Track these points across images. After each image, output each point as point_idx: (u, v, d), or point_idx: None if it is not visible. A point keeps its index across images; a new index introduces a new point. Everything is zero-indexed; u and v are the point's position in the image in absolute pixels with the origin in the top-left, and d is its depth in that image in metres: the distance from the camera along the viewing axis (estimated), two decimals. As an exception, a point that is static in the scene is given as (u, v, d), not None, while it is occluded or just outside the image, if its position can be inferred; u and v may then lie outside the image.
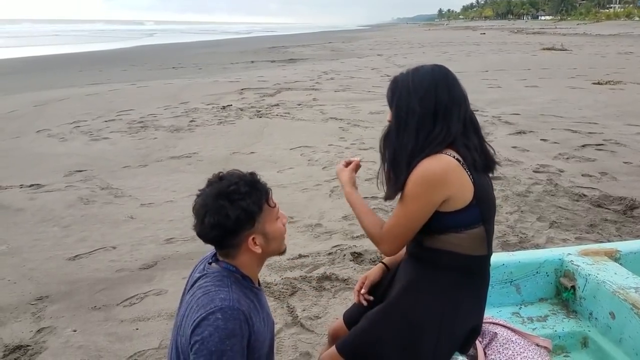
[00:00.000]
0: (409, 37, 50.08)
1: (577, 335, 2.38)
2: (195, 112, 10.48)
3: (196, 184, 5.87)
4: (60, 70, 21.04)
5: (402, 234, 1.72)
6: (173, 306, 3.41)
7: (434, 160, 1.65)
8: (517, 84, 13.77)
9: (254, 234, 1.55)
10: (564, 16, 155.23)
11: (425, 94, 1.69)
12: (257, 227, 1.54)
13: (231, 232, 1.52)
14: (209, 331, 1.40)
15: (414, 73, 1.74)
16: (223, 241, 1.55)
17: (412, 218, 1.69)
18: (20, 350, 3.00)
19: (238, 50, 33.23)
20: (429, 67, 1.75)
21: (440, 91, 1.69)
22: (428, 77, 1.71)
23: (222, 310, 1.42)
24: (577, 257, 2.56)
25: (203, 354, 1.39)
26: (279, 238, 1.62)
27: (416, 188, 1.65)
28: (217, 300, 1.45)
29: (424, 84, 1.70)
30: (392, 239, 1.75)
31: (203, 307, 1.45)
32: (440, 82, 1.71)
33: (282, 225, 1.64)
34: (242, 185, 1.52)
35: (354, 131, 8.49)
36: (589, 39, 39.32)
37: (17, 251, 4.34)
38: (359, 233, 4.51)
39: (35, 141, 8.39)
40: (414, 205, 1.67)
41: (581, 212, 4.87)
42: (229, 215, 1.48)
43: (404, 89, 1.73)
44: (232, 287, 1.51)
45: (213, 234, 1.52)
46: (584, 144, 7.32)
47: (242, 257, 1.58)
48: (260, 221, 1.55)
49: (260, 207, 1.54)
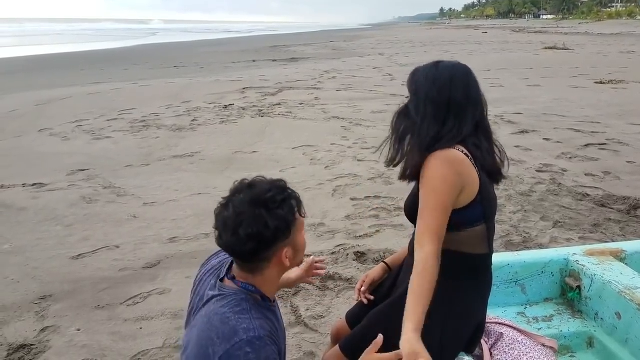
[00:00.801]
0: (411, 36, 50.04)
1: (583, 336, 2.38)
2: (197, 111, 10.48)
3: (199, 183, 5.89)
4: (63, 69, 21.06)
5: (435, 228, 1.62)
6: (177, 305, 3.42)
7: (447, 152, 1.65)
8: (520, 83, 13.75)
9: (288, 246, 1.44)
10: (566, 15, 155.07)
11: (442, 85, 1.70)
12: (291, 238, 1.43)
13: (267, 244, 1.39)
14: None
15: (435, 64, 1.77)
16: (256, 255, 1.41)
17: (439, 206, 1.61)
18: (24, 350, 3.00)
19: (239, 50, 33.23)
20: (451, 62, 1.77)
21: (455, 87, 1.70)
22: (447, 71, 1.73)
23: (250, 343, 1.32)
24: (583, 257, 2.55)
25: None
26: (303, 250, 1.52)
27: (440, 170, 1.61)
28: (241, 332, 1.33)
29: (444, 75, 1.72)
30: (429, 241, 1.61)
31: (227, 341, 1.32)
32: (458, 78, 1.72)
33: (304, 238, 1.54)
34: (277, 193, 1.41)
35: (356, 130, 8.49)
36: (591, 38, 39.27)
37: (21, 250, 4.34)
38: (362, 232, 4.51)
39: (37, 140, 8.39)
40: (442, 190, 1.61)
41: (585, 212, 4.86)
42: (268, 225, 1.36)
43: (423, 76, 1.75)
44: (252, 312, 1.40)
45: (250, 246, 1.36)
46: (587, 144, 7.30)
47: (269, 271, 1.45)
48: (294, 229, 1.44)
49: (295, 216, 1.44)
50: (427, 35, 51.78)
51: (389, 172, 6.16)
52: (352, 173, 6.20)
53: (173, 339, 3.08)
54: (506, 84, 13.42)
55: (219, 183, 5.95)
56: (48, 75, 18.40)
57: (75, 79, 16.81)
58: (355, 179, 5.99)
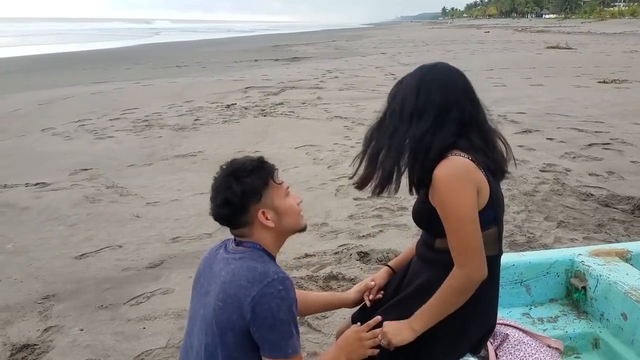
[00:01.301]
0: (413, 36, 50.00)
1: (589, 337, 2.37)
2: (199, 110, 10.48)
3: (201, 183, 5.89)
4: (65, 68, 21.07)
5: (477, 243, 1.60)
6: (180, 305, 3.41)
7: (450, 162, 1.61)
8: (522, 82, 13.72)
9: (263, 208, 1.60)
10: (568, 14, 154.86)
11: (417, 89, 1.68)
12: (264, 201, 1.60)
13: (240, 208, 1.58)
14: (276, 302, 1.46)
15: (417, 69, 1.75)
16: (235, 218, 1.60)
17: (472, 221, 1.59)
18: (28, 349, 3.00)
19: (242, 49, 33.23)
20: (428, 64, 1.75)
21: (429, 90, 1.67)
22: (419, 75, 1.72)
23: (282, 282, 1.49)
24: (588, 257, 2.54)
25: (276, 326, 1.46)
26: (291, 214, 1.65)
27: (454, 189, 1.58)
28: (272, 273, 1.51)
29: (417, 79, 1.72)
30: (476, 256, 1.61)
31: (259, 282, 1.48)
32: (431, 81, 1.69)
33: (295, 204, 1.68)
34: (247, 164, 1.61)
35: (359, 130, 8.47)
36: (593, 37, 39.19)
37: (24, 250, 4.34)
38: (365, 232, 4.50)
39: (40, 140, 8.39)
40: (463, 206, 1.58)
41: (589, 212, 4.84)
42: (234, 191, 1.56)
43: (400, 84, 1.77)
44: (273, 262, 1.60)
45: (224, 211, 1.59)
46: (591, 143, 7.28)
47: (258, 234, 1.62)
48: (268, 195, 1.60)
49: (265, 182, 1.61)
50: (429, 35, 51.72)
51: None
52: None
53: (176, 338, 3.07)
54: (509, 84, 13.39)
55: (222, 183, 5.94)
56: (51, 75, 18.43)
57: (77, 79, 16.82)
58: (358, 178, 5.96)
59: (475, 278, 1.63)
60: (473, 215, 1.59)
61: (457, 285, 1.64)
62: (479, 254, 1.61)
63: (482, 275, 1.63)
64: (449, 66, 1.74)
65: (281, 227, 1.64)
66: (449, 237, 1.63)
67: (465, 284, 1.63)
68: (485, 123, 1.76)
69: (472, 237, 1.60)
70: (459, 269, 1.63)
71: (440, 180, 1.59)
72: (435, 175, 1.60)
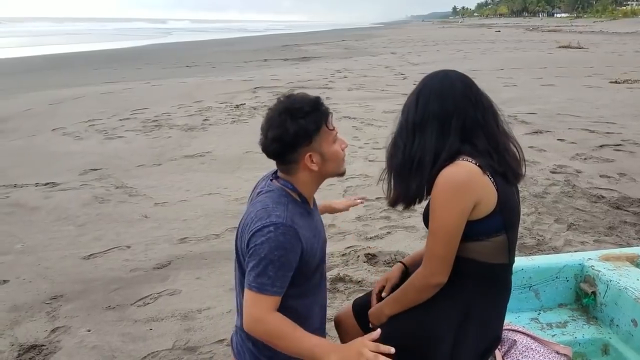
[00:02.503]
0: (423, 35, 49.82)
1: (598, 342, 2.33)
2: (208, 110, 10.50)
3: (209, 184, 5.90)
4: (76, 68, 21.21)
5: (446, 253, 1.63)
6: (187, 306, 3.42)
7: (454, 167, 1.60)
8: (533, 82, 13.62)
9: (311, 152, 1.66)
10: (580, 14, 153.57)
11: (418, 102, 1.72)
12: (314, 145, 1.66)
13: (290, 147, 1.65)
14: (261, 240, 1.58)
15: (417, 84, 1.78)
16: (283, 155, 1.68)
17: (449, 231, 1.61)
18: (35, 350, 3.01)
19: (251, 49, 33.27)
20: (428, 75, 1.77)
21: (428, 100, 1.69)
22: (420, 86, 1.76)
23: (275, 225, 1.59)
24: (598, 262, 2.50)
25: (254, 259, 1.60)
26: (335, 159, 1.72)
27: (445, 196, 1.59)
28: (273, 217, 1.61)
29: (417, 92, 1.75)
30: (438, 263, 1.64)
31: (260, 220, 1.61)
32: (429, 90, 1.71)
33: (341, 149, 1.75)
34: (305, 105, 1.65)
35: (368, 130, 8.45)
36: (605, 36, 38.83)
37: (33, 250, 4.36)
38: (373, 234, 4.48)
39: (50, 140, 8.45)
40: (447, 215, 1.60)
41: (600, 214, 4.79)
42: (287, 130, 1.62)
43: (407, 100, 1.79)
44: (288, 206, 1.66)
45: (273, 147, 1.66)
46: (602, 144, 7.21)
47: (300, 174, 1.70)
48: (318, 140, 1.66)
49: (319, 126, 1.66)
50: (439, 34, 51.51)
51: (400, 172, 6.12)
52: (363, 173, 6.16)
53: (183, 340, 3.07)
54: (519, 83, 13.29)
55: (230, 183, 5.96)
56: (62, 75, 18.56)
57: (88, 78, 16.92)
58: (366, 179, 5.96)
59: (431, 281, 1.68)
60: (454, 226, 1.60)
61: (417, 284, 1.72)
62: (442, 262, 1.64)
63: (439, 282, 1.66)
64: (448, 73, 1.74)
65: (323, 171, 1.72)
66: (427, 236, 1.66)
67: (423, 284, 1.70)
68: (493, 126, 1.72)
69: (442, 245, 1.63)
70: (421, 269, 1.70)
71: (438, 184, 1.61)
72: (438, 178, 1.61)
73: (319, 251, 1.76)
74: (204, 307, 3.42)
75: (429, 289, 1.69)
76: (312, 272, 1.76)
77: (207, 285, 3.71)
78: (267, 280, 1.58)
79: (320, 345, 1.60)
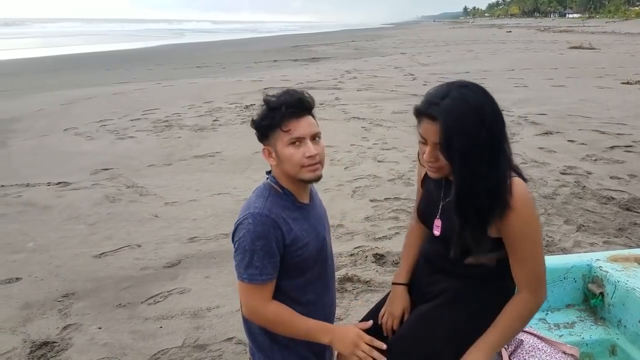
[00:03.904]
0: (434, 35, 49.68)
1: (606, 343, 2.33)
2: (218, 111, 10.56)
3: (219, 183, 5.91)
4: (88, 68, 21.38)
5: (545, 269, 1.65)
6: (196, 304, 3.45)
7: (519, 187, 1.58)
8: (544, 83, 13.55)
9: (268, 147, 1.74)
10: (592, 14, 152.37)
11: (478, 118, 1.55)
12: (271, 141, 1.72)
13: (259, 134, 1.74)
14: (242, 233, 1.66)
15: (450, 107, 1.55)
16: (259, 139, 1.76)
17: (541, 245, 1.63)
18: (47, 347, 3.06)
19: (261, 49, 33.35)
20: (456, 99, 1.54)
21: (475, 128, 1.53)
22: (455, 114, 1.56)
23: (253, 216, 1.66)
24: (606, 263, 2.50)
25: (239, 252, 1.68)
26: (288, 162, 1.70)
27: (532, 214, 1.59)
28: (252, 208, 1.69)
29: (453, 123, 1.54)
30: (544, 283, 1.66)
31: (242, 212, 1.70)
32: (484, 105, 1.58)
33: (300, 154, 1.68)
34: (273, 101, 1.69)
35: (377, 131, 8.46)
36: (618, 37, 38.50)
37: (45, 248, 4.42)
38: (382, 234, 4.49)
39: (62, 139, 8.54)
40: (538, 230, 1.62)
41: (609, 216, 4.76)
42: (253, 119, 1.74)
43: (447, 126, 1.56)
44: (268, 198, 1.72)
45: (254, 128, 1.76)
46: (613, 146, 7.16)
47: (273, 167, 1.78)
48: (273, 138, 1.70)
49: (272, 124, 1.69)
50: (449, 35, 51.33)
51: (409, 173, 6.12)
52: (372, 174, 6.17)
53: (192, 338, 3.10)
54: (530, 84, 13.23)
55: (239, 183, 5.99)
56: (75, 75, 18.71)
57: (100, 79, 17.06)
58: (375, 180, 5.97)
59: (541, 303, 1.68)
60: (541, 241, 1.63)
61: (525, 313, 1.67)
62: (545, 280, 1.66)
63: (546, 299, 1.69)
64: (477, 92, 1.58)
65: (284, 170, 1.73)
66: (521, 264, 1.62)
67: (534, 309, 1.68)
68: None
69: (543, 264, 1.63)
70: (530, 295, 1.65)
71: (520, 209, 1.55)
72: (515, 203, 1.54)
73: (312, 246, 1.77)
74: (213, 305, 3.45)
75: (537, 311, 1.69)
76: (309, 265, 1.79)
77: (216, 284, 3.75)
78: (255, 270, 1.67)
79: (315, 327, 1.74)
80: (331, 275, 1.95)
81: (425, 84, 13.55)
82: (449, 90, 1.55)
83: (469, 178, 1.54)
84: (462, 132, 1.50)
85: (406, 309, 1.91)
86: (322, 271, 1.86)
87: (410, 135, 8.04)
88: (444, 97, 1.53)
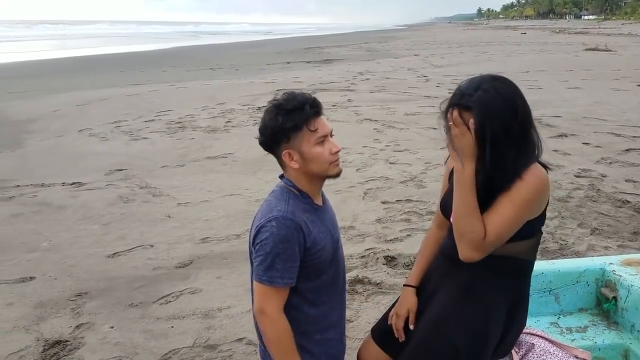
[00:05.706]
0: (447, 37, 49.48)
1: (618, 348, 2.30)
2: (231, 112, 10.61)
3: (231, 185, 5.94)
4: (103, 70, 21.57)
5: (504, 237, 1.65)
6: (207, 305, 3.47)
7: (541, 170, 1.64)
8: (559, 85, 13.44)
9: (289, 150, 1.69)
10: (609, 15, 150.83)
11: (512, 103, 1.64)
12: (293, 143, 1.68)
13: (270, 141, 1.71)
14: (266, 235, 1.66)
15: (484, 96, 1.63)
16: (269, 149, 1.74)
17: (519, 222, 1.64)
18: (60, 345, 3.09)
19: (274, 51, 33.43)
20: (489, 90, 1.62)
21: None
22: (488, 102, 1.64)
23: (277, 219, 1.66)
24: (619, 267, 2.48)
25: (261, 254, 1.67)
26: (317, 161, 1.70)
27: (532, 195, 1.62)
28: (275, 211, 1.68)
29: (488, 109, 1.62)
30: (494, 244, 1.64)
31: (264, 217, 1.69)
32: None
33: (327, 152, 1.71)
34: (291, 103, 1.67)
35: (389, 132, 8.44)
36: (634, 39, 38.05)
37: (58, 248, 4.47)
38: (393, 236, 4.48)
39: (77, 140, 8.63)
40: (526, 210, 1.63)
41: (624, 219, 4.71)
42: (267, 125, 1.69)
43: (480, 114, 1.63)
44: (289, 201, 1.72)
45: (261, 137, 1.73)
46: (628, 148, 7.08)
47: (289, 170, 1.75)
48: (297, 139, 1.67)
49: (297, 126, 1.66)
50: (463, 36, 51.08)
51: (421, 175, 6.11)
52: (384, 176, 6.16)
53: (203, 338, 3.12)
54: (545, 86, 13.13)
55: (251, 184, 6.01)
56: (90, 76, 18.89)
57: (115, 80, 17.21)
58: (386, 181, 5.95)
59: (475, 257, 1.65)
60: (523, 219, 1.63)
61: (469, 236, 1.64)
62: (492, 246, 1.64)
63: (472, 259, 1.65)
64: (508, 84, 1.67)
65: (307, 170, 1.72)
66: (495, 215, 1.62)
67: (471, 246, 1.64)
68: None
69: (506, 231, 1.62)
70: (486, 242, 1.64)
71: (531, 179, 1.61)
72: (527, 176, 1.61)
73: (328, 248, 1.78)
74: (224, 306, 3.47)
75: (468, 248, 1.65)
76: (325, 267, 1.79)
77: (228, 284, 3.76)
78: (276, 273, 1.66)
79: None
80: (343, 277, 1.96)
81: (438, 86, 13.50)
82: (482, 82, 1.63)
83: (498, 162, 1.60)
84: (495, 120, 1.58)
85: (411, 310, 1.93)
86: (336, 273, 1.87)
87: (423, 137, 8.02)
88: (477, 89, 1.61)
